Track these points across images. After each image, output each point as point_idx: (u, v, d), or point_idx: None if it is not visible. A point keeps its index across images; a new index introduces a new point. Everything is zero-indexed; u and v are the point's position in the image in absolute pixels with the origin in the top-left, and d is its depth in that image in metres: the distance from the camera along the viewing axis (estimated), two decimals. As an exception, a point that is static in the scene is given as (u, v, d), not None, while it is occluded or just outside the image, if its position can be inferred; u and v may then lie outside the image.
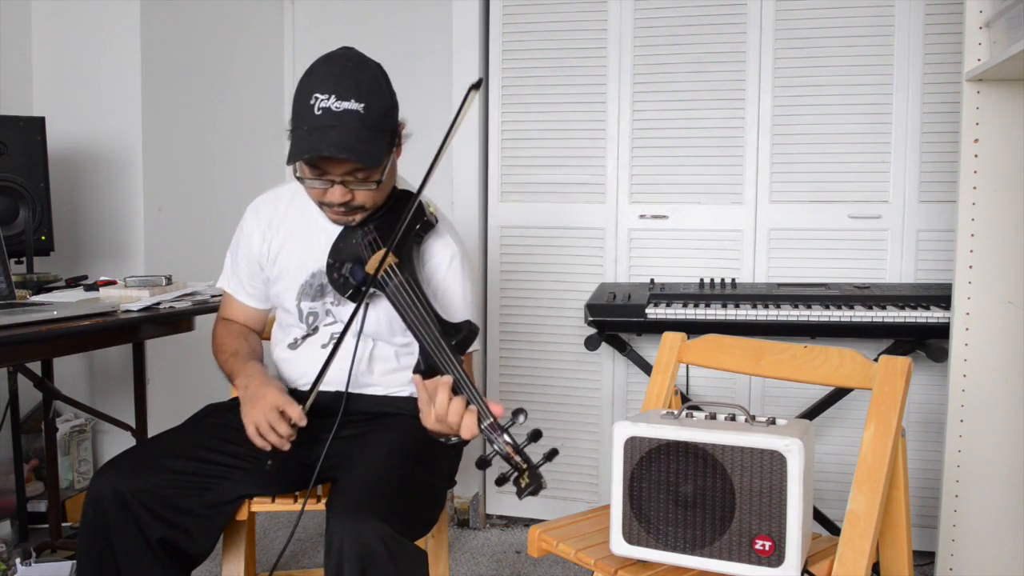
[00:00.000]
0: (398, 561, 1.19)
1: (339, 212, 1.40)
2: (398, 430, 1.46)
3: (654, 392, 1.58)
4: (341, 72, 1.33)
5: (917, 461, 2.20)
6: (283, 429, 1.36)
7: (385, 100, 1.37)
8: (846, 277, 2.30)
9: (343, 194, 1.36)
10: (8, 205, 2.11)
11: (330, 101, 1.30)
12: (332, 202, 1.37)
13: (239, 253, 1.62)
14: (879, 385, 1.28)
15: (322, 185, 1.36)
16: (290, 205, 1.58)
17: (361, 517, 1.20)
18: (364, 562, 1.18)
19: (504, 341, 2.59)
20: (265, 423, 1.36)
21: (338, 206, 1.38)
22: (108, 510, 1.30)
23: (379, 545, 1.18)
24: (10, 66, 2.51)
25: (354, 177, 1.35)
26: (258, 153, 3.03)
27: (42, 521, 2.34)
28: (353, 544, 1.18)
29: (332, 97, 1.30)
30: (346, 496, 1.26)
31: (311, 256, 1.53)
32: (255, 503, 1.45)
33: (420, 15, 2.90)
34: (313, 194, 1.40)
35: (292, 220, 1.57)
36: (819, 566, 1.26)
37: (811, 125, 2.33)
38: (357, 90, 1.32)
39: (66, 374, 2.52)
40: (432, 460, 1.44)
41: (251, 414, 1.39)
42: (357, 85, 1.32)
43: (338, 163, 1.32)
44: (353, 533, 1.18)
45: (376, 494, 1.26)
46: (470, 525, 2.62)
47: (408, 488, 1.33)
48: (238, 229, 1.63)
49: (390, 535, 1.19)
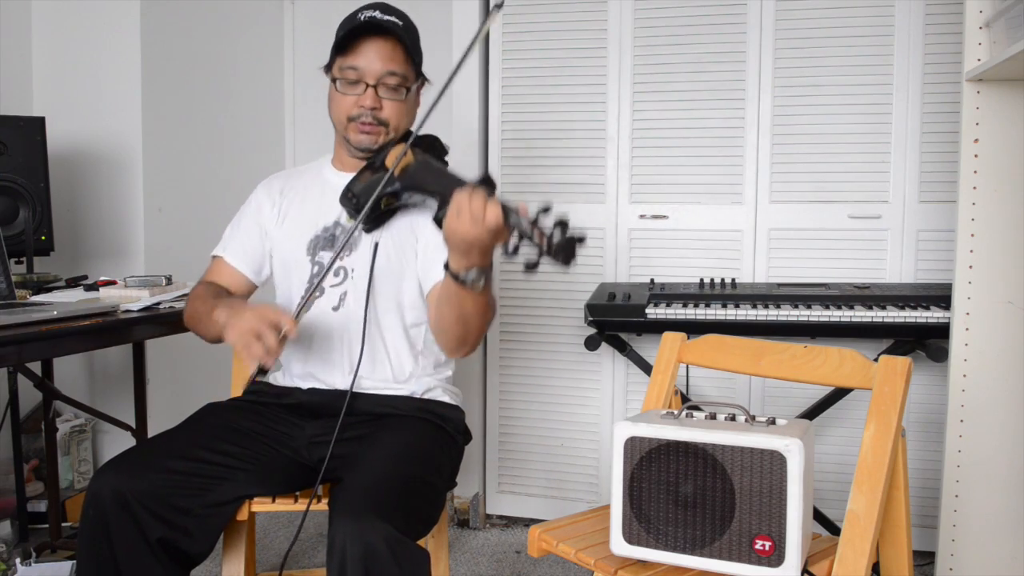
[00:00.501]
0: (401, 561, 1.19)
1: (366, 125, 1.52)
2: (400, 431, 1.46)
3: (654, 392, 1.58)
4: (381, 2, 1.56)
5: (917, 461, 2.20)
6: (271, 338, 1.29)
7: (417, 34, 1.57)
8: (846, 277, 2.30)
9: (374, 99, 1.50)
10: (8, 205, 2.11)
11: (374, 12, 1.51)
12: (363, 106, 1.50)
13: (242, 221, 1.67)
14: (879, 385, 1.28)
15: (354, 92, 1.51)
16: (302, 174, 1.70)
17: (364, 518, 1.20)
18: (368, 563, 1.17)
19: (504, 341, 2.59)
20: (250, 331, 1.30)
21: (368, 112, 1.50)
22: (108, 510, 1.30)
23: (382, 545, 1.18)
24: (10, 66, 2.51)
25: (386, 84, 1.51)
26: (258, 153, 3.03)
27: (42, 521, 2.35)
28: (356, 545, 1.18)
29: (376, 11, 1.51)
30: (349, 497, 1.26)
31: (320, 209, 1.58)
32: (255, 503, 1.45)
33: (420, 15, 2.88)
34: (344, 104, 1.52)
35: (304, 185, 1.66)
36: (819, 566, 1.26)
37: (811, 125, 2.33)
38: (398, 13, 1.54)
39: (66, 374, 2.52)
40: (434, 460, 1.45)
41: (237, 325, 1.32)
42: (397, 11, 1.54)
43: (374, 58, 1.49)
44: (356, 534, 1.18)
45: (379, 495, 1.26)
46: (470, 525, 2.62)
47: (411, 488, 1.33)
48: (244, 204, 1.69)
49: (393, 536, 1.19)
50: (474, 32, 1.40)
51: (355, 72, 1.50)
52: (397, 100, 1.53)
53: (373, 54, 1.50)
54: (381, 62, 1.50)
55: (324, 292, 1.55)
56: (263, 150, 3.07)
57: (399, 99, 1.53)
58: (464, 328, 1.41)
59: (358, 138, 1.54)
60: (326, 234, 1.58)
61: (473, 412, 2.57)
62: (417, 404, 1.55)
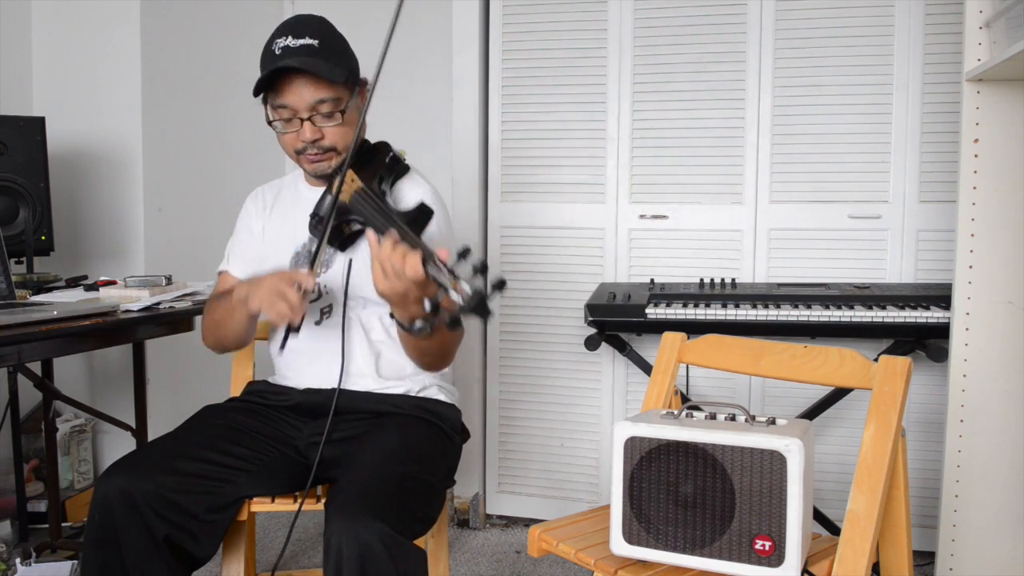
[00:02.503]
0: (397, 561, 1.19)
1: (313, 156, 1.49)
2: (396, 430, 1.47)
3: (654, 392, 1.58)
4: (296, 21, 1.50)
5: (917, 461, 2.20)
6: (293, 296, 1.32)
7: (341, 42, 1.52)
8: (846, 277, 2.30)
9: (313, 131, 1.47)
10: (8, 205, 2.11)
11: (287, 40, 1.46)
12: (304, 140, 1.47)
13: (241, 233, 1.69)
14: (879, 385, 1.28)
15: (292, 129, 1.48)
16: (283, 187, 1.71)
17: (360, 517, 1.20)
18: (363, 562, 1.17)
19: (504, 341, 2.59)
20: (273, 291, 1.33)
21: (311, 146, 1.48)
22: (116, 511, 1.31)
23: (378, 545, 1.18)
24: (10, 66, 2.51)
25: (319, 112, 1.46)
26: (258, 153, 3.03)
27: (42, 521, 2.34)
28: (352, 544, 1.18)
29: (289, 37, 1.46)
30: (344, 496, 1.26)
31: (297, 227, 1.59)
32: (255, 503, 1.45)
33: (420, 15, 2.90)
34: (287, 141, 1.50)
35: (285, 201, 1.67)
36: (819, 566, 1.26)
37: (811, 125, 2.33)
38: (311, 29, 1.47)
39: (66, 374, 2.51)
40: (430, 459, 1.45)
41: (258, 291, 1.36)
42: (311, 26, 1.48)
43: (299, 92, 1.44)
44: (352, 533, 1.18)
45: (374, 494, 1.26)
46: (470, 525, 2.62)
47: (407, 488, 1.33)
48: (239, 218, 1.72)
49: (389, 535, 1.19)
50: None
51: (286, 110, 1.47)
52: (335, 125, 1.48)
53: (297, 90, 1.45)
54: (308, 94, 1.45)
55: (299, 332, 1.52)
56: (263, 150, 3.07)
57: (337, 123, 1.48)
58: (430, 359, 1.49)
59: (312, 167, 1.53)
60: (304, 251, 1.59)
61: (473, 412, 2.57)
62: (413, 402, 1.56)
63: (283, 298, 1.33)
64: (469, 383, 2.58)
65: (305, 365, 1.58)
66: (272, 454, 1.48)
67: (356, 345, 1.55)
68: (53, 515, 2.25)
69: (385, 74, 1.39)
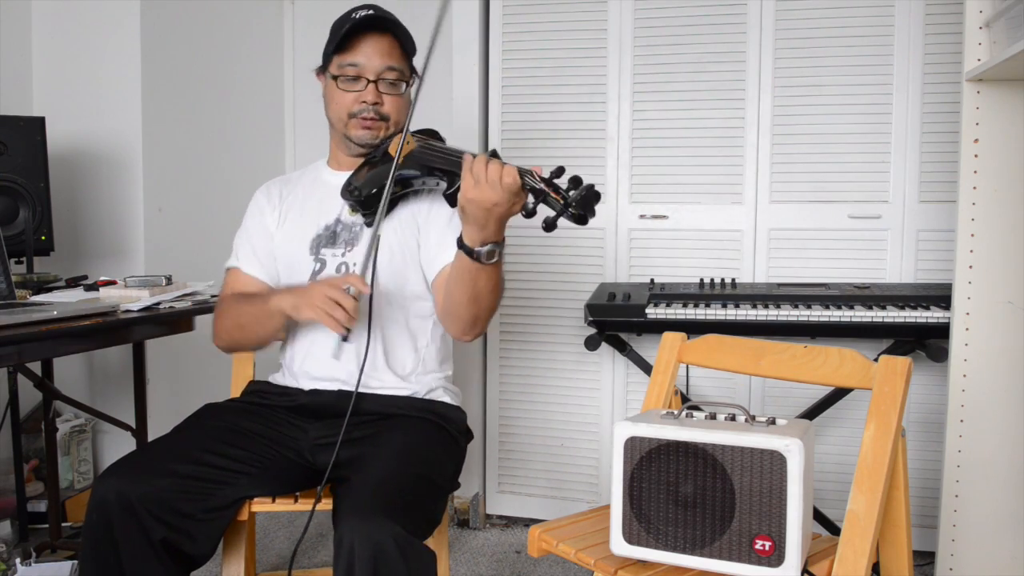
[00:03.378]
0: (410, 561, 1.19)
1: (368, 120, 1.54)
2: (405, 431, 1.46)
3: (654, 392, 1.58)
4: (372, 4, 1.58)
5: (917, 461, 2.20)
6: (348, 301, 1.34)
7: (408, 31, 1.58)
8: (846, 277, 2.30)
9: (375, 95, 1.53)
10: (8, 205, 2.11)
11: (369, 12, 1.53)
12: (366, 101, 1.53)
13: (249, 227, 1.67)
14: (879, 385, 1.28)
15: (356, 89, 1.53)
16: (299, 178, 1.71)
17: (373, 517, 1.20)
18: (376, 563, 1.17)
19: (504, 341, 2.59)
20: (328, 300, 1.34)
21: (370, 108, 1.53)
22: (112, 514, 1.30)
23: (391, 545, 1.18)
24: (10, 66, 2.51)
25: (385, 79, 1.53)
26: (258, 153, 3.03)
27: (42, 521, 2.34)
28: (365, 544, 1.18)
29: (371, 11, 1.54)
30: (356, 496, 1.26)
31: (320, 209, 1.59)
32: (255, 503, 1.44)
33: (420, 15, 2.89)
34: (345, 100, 1.54)
35: (303, 188, 1.67)
36: (819, 566, 1.26)
37: (811, 125, 2.33)
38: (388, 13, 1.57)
39: (66, 374, 2.51)
40: (438, 461, 1.45)
41: (310, 300, 1.37)
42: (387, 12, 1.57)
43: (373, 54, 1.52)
44: (365, 533, 1.18)
45: (387, 495, 1.26)
46: (470, 525, 2.62)
47: (418, 489, 1.33)
48: (246, 214, 1.70)
49: (402, 536, 1.19)
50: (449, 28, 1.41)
51: (355, 68, 1.53)
52: (396, 95, 1.56)
53: (372, 50, 1.53)
54: (380, 58, 1.53)
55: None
56: (263, 150, 3.07)
57: (398, 93, 1.56)
58: (477, 307, 1.43)
59: (359, 134, 1.56)
60: (327, 232, 1.59)
61: (473, 412, 2.57)
62: (420, 405, 1.55)
63: (338, 306, 1.34)
64: (469, 383, 2.58)
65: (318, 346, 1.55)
66: (272, 456, 1.47)
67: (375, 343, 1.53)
68: (53, 515, 2.25)
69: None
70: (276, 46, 3.06)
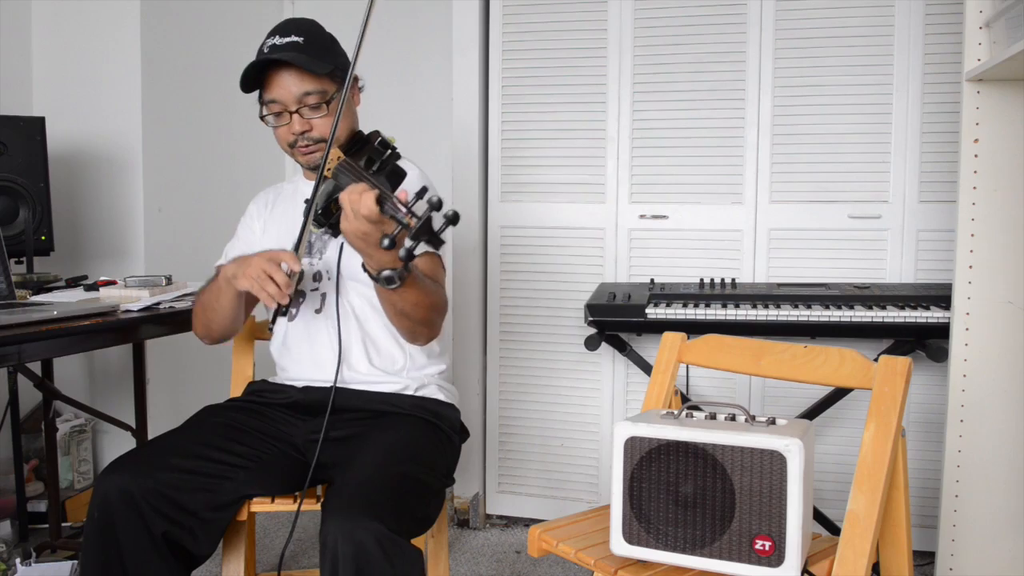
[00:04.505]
0: (393, 560, 1.19)
1: (304, 148, 1.54)
2: (394, 429, 1.47)
3: (654, 392, 1.58)
4: (285, 22, 1.57)
5: (917, 461, 2.20)
6: (280, 276, 1.37)
7: (327, 40, 1.57)
8: (846, 277, 2.30)
9: (301, 123, 1.53)
10: (8, 205, 2.11)
11: (274, 39, 1.52)
12: (294, 133, 1.53)
13: (239, 233, 1.74)
14: (879, 385, 1.28)
15: (283, 123, 1.53)
16: (285, 189, 1.76)
17: (355, 517, 1.20)
18: (359, 562, 1.18)
19: (504, 341, 2.59)
20: (261, 272, 1.37)
21: (301, 137, 1.53)
22: (115, 509, 1.31)
23: (373, 545, 1.18)
24: (10, 66, 2.51)
25: (306, 104, 1.52)
26: (258, 153, 3.03)
27: (42, 521, 2.35)
28: (347, 544, 1.18)
29: (276, 36, 1.53)
30: (340, 496, 1.27)
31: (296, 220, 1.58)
32: (255, 503, 1.45)
33: (420, 15, 2.90)
34: (280, 135, 1.56)
35: (285, 198, 1.73)
36: (819, 566, 1.26)
37: (811, 125, 2.33)
38: (298, 29, 1.53)
39: (66, 374, 2.52)
40: (428, 458, 1.45)
41: (244, 273, 1.40)
42: (298, 27, 1.54)
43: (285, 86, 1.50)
44: (347, 533, 1.19)
45: (370, 493, 1.26)
46: (470, 525, 2.62)
47: (404, 487, 1.33)
48: (240, 222, 1.75)
49: (384, 534, 1.19)
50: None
51: (276, 105, 1.53)
52: (322, 116, 1.54)
53: (283, 83, 1.51)
54: (293, 88, 1.51)
55: (306, 296, 1.59)
56: (263, 150, 3.07)
57: (323, 114, 1.53)
58: (408, 321, 1.46)
59: (305, 159, 1.58)
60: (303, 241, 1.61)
61: (473, 412, 2.57)
62: (411, 401, 1.56)
63: (270, 278, 1.37)
64: (469, 383, 2.58)
65: (304, 354, 1.60)
66: (271, 452, 1.48)
67: (352, 335, 1.57)
68: (53, 515, 2.26)
69: (385, 74, 1.40)
70: (276, 46, 3.06)
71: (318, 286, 1.60)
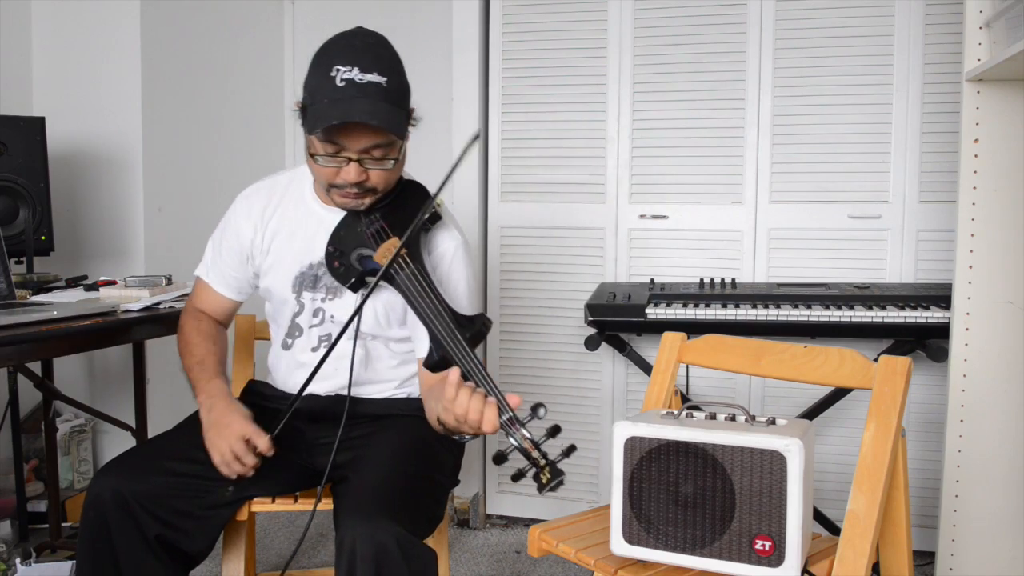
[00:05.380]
0: (411, 561, 1.19)
1: (350, 194, 1.36)
2: (402, 431, 1.46)
3: (654, 392, 1.58)
4: (363, 46, 1.33)
5: (917, 461, 2.20)
6: (249, 460, 1.35)
7: (403, 78, 1.37)
8: (846, 277, 2.30)
9: (359, 173, 1.33)
10: (8, 205, 2.11)
11: (353, 73, 1.28)
12: (346, 181, 1.33)
13: (223, 243, 1.58)
14: (879, 385, 1.28)
15: (336, 164, 1.33)
16: (284, 194, 1.55)
17: (374, 518, 1.20)
18: (379, 564, 1.18)
19: (504, 341, 2.59)
20: (230, 453, 1.35)
21: (351, 187, 1.34)
22: (108, 511, 1.30)
23: (393, 546, 1.18)
24: (10, 66, 2.51)
25: (371, 156, 1.33)
26: (258, 153, 3.03)
27: (42, 521, 2.35)
28: (367, 545, 1.18)
29: (355, 69, 1.29)
30: (357, 497, 1.26)
31: (307, 246, 1.50)
32: (255, 503, 1.45)
33: (420, 15, 2.89)
34: (325, 174, 1.35)
35: (286, 209, 1.53)
36: (819, 566, 1.26)
37: (811, 125, 2.33)
38: (379, 64, 1.31)
39: (66, 374, 2.51)
40: (437, 458, 1.45)
41: (216, 443, 1.36)
42: (379, 59, 1.31)
43: (358, 137, 1.30)
44: (367, 534, 1.18)
45: (387, 495, 1.26)
46: (470, 525, 2.62)
47: (417, 487, 1.33)
48: (224, 220, 1.60)
49: (404, 536, 1.19)
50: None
51: (335, 146, 1.31)
52: (384, 169, 1.35)
53: (356, 136, 1.30)
54: (366, 140, 1.31)
55: (303, 333, 1.53)
56: (263, 150, 3.07)
57: (387, 167, 1.35)
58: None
59: (344, 203, 1.40)
60: (310, 272, 1.51)
61: (473, 412, 2.56)
62: (417, 404, 1.55)
63: (238, 461, 1.35)
64: (469, 383, 2.58)
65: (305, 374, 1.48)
66: (270, 456, 1.47)
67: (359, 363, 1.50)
68: (53, 515, 2.25)
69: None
70: (276, 46, 3.06)
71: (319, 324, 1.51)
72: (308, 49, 1.66)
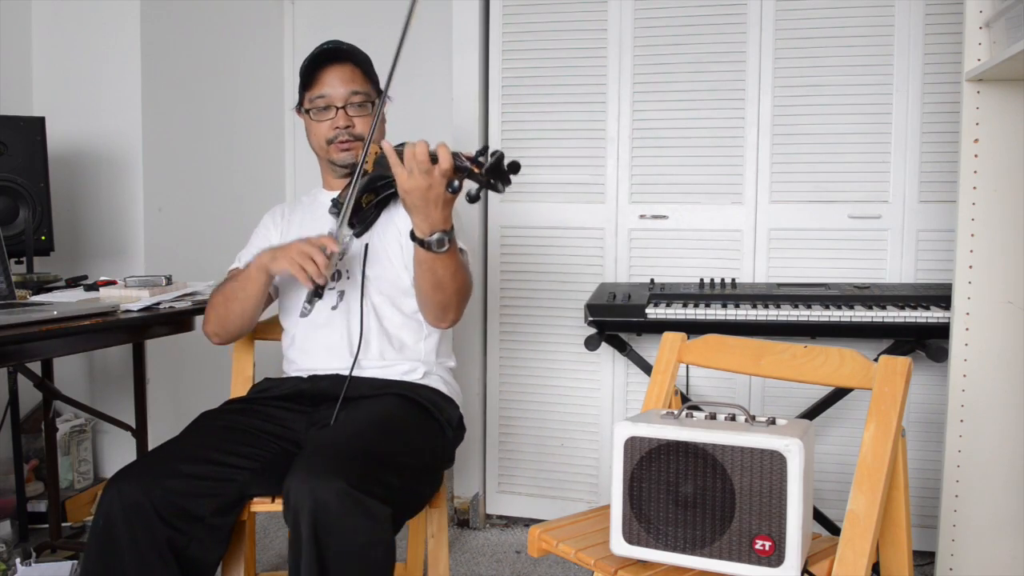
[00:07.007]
0: (355, 515, 1.21)
1: (344, 143, 1.65)
2: (381, 404, 1.51)
3: (654, 392, 1.58)
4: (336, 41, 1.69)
5: (917, 461, 2.20)
6: (320, 257, 1.42)
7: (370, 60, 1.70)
8: (846, 277, 2.30)
9: (346, 118, 1.64)
10: (8, 205, 2.11)
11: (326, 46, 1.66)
12: (338, 127, 1.64)
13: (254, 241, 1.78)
14: (879, 385, 1.28)
15: (328, 117, 1.65)
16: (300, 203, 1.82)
17: (316, 475, 1.23)
18: (316, 515, 1.20)
19: (504, 341, 2.59)
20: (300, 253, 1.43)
21: (343, 132, 1.64)
22: (119, 520, 1.31)
23: (332, 498, 1.20)
24: (10, 66, 2.51)
25: (352, 103, 1.65)
26: (258, 153, 3.04)
27: (42, 521, 2.35)
28: (307, 499, 1.20)
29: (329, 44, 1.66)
30: (305, 457, 1.30)
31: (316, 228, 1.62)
32: (255, 503, 1.45)
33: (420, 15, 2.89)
34: (321, 129, 1.66)
35: (303, 208, 1.79)
36: (819, 566, 1.26)
37: (811, 125, 2.33)
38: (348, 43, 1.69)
39: (66, 374, 2.52)
40: (406, 435, 1.47)
41: (285, 254, 1.46)
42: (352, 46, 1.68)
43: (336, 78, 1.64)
44: (308, 490, 1.21)
45: (334, 453, 1.29)
46: (470, 525, 2.62)
47: (372, 452, 1.34)
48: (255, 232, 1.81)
49: (345, 490, 1.21)
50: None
51: (324, 99, 1.65)
52: (366, 115, 1.66)
53: (335, 80, 1.65)
54: (344, 85, 1.65)
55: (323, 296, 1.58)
56: (263, 150, 3.07)
57: (367, 113, 1.67)
58: (442, 295, 1.50)
59: (340, 156, 1.67)
60: None
61: (473, 412, 2.57)
62: (408, 386, 1.59)
63: (310, 258, 1.41)
64: (469, 383, 2.58)
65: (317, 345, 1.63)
66: (274, 450, 1.49)
67: (372, 329, 1.61)
68: (53, 515, 2.26)
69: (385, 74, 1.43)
70: (276, 46, 3.06)
71: (335, 285, 1.64)
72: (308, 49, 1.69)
